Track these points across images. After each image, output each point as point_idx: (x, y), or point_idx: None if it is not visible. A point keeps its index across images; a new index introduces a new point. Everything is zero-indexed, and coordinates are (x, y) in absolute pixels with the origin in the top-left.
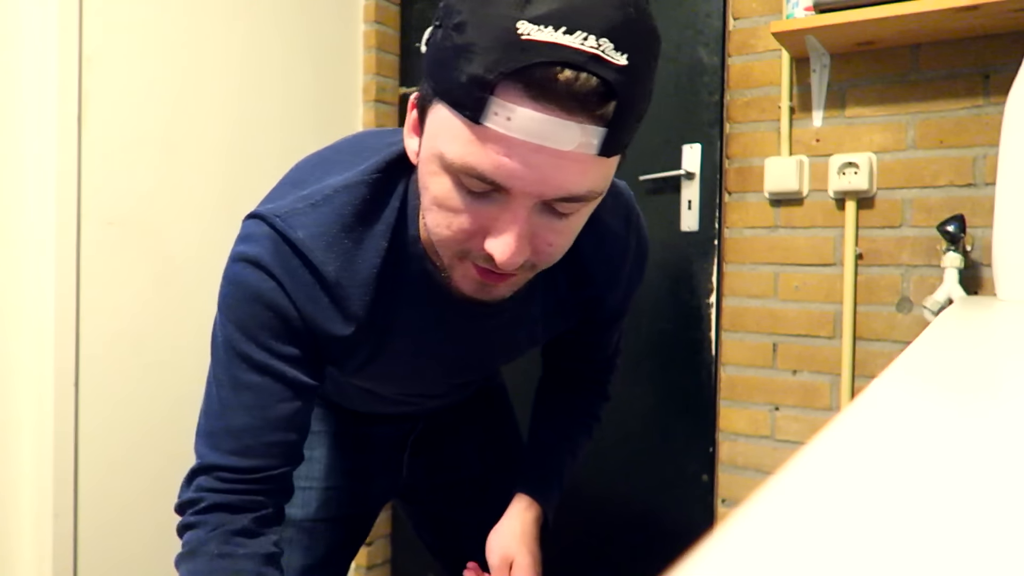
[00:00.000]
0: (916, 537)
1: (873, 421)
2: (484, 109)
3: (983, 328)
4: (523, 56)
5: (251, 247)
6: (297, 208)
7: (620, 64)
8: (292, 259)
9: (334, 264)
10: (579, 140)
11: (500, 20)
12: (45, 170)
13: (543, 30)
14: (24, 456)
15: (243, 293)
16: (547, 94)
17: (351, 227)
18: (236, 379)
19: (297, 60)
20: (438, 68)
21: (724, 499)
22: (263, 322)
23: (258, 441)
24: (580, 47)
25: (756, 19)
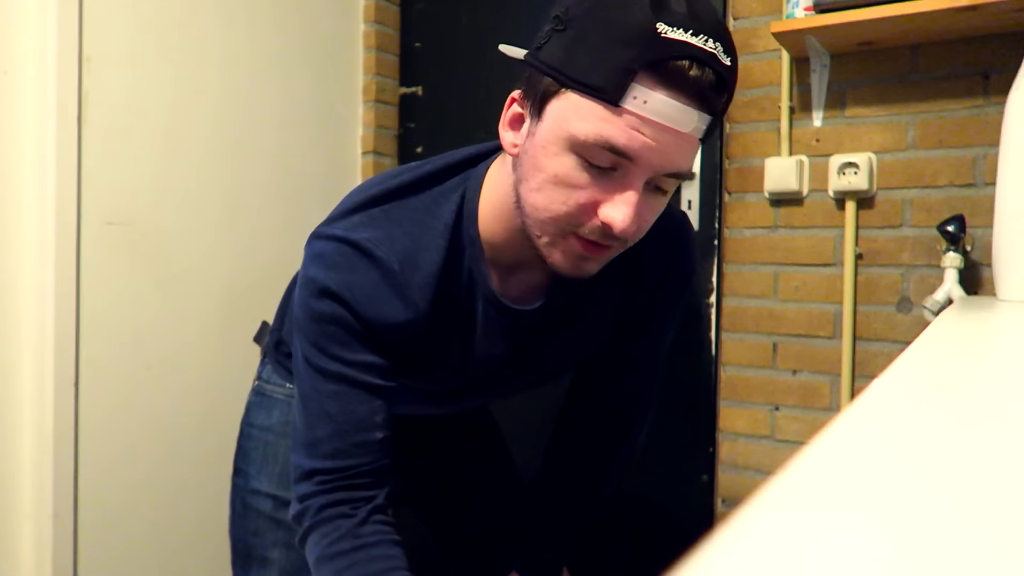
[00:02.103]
0: (916, 537)
1: (873, 421)
2: (624, 93)
3: (983, 328)
4: (663, 50)
5: (314, 268)
6: (354, 221)
7: (727, 64)
8: (358, 260)
9: (398, 260)
10: (695, 124)
11: (640, 21)
12: (45, 170)
13: (677, 31)
14: (24, 456)
15: (310, 313)
16: (678, 83)
17: (410, 230)
18: (317, 391)
19: (297, 60)
20: (570, 61)
21: (724, 499)
22: (331, 336)
23: (346, 443)
24: (704, 47)
25: (756, 19)
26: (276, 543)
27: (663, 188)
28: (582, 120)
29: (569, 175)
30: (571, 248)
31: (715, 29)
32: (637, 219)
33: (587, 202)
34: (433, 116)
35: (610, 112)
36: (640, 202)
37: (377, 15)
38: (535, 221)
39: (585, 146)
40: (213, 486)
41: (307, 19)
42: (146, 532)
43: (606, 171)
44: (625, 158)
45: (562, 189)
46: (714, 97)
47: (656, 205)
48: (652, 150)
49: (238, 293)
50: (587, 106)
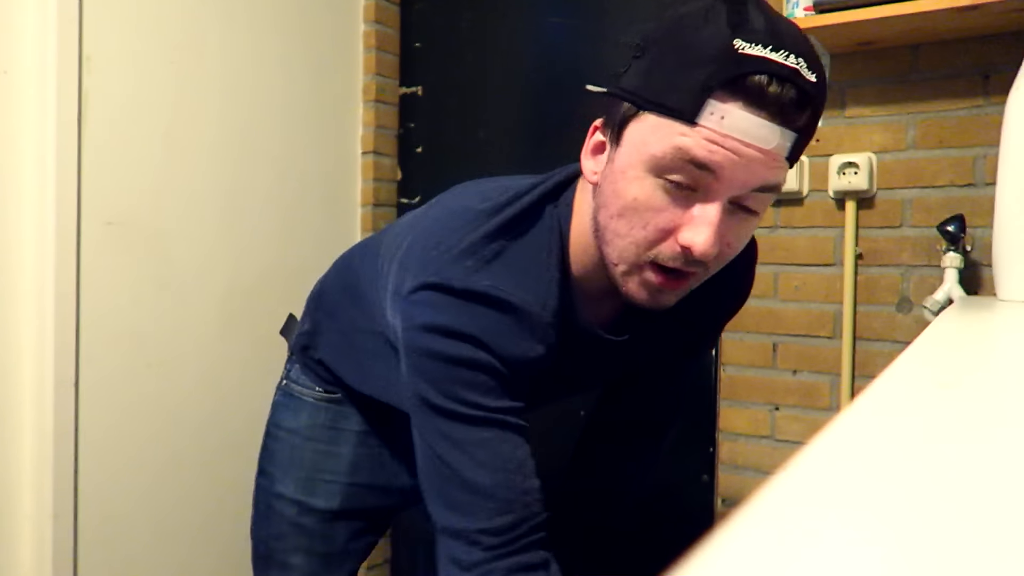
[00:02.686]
0: (915, 537)
1: (873, 421)
2: (701, 110)
3: (983, 328)
4: (741, 66)
5: (438, 315)
6: (467, 265)
7: (812, 80)
8: (485, 310)
9: (527, 301)
10: (778, 141)
11: (717, 38)
12: (45, 170)
13: (755, 47)
14: (24, 456)
15: (443, 361)
16: (757, 99)
17: (526, 268)
18: (459, 441)
19: (297, 60)
20: (648, 84)
21: (724, 499)
22: (467, 382)
23: (512, 492)
24: (784, 62)
25: None
26: (298, 548)
27: (751, 208)
28: (660, 139)
29: (649, 198)
30: (647, 279)
31: (798, 45)
32: (718, 241)
33: (667, 226)
34: (433, 116)
35: (687, 130)
36: (722, 223)
37: (377, 15)
38: (614, 248)
39: (663, 164)
40: (213, 485)
41: (307, 19)
42: (146, 532)
43: (686, 193)
44: (706, 171)
45: (641, 214)
46: (796, 114)
47: (743, 228)
48: (733, 163)
49: (238, 293)
50: (665, 125)
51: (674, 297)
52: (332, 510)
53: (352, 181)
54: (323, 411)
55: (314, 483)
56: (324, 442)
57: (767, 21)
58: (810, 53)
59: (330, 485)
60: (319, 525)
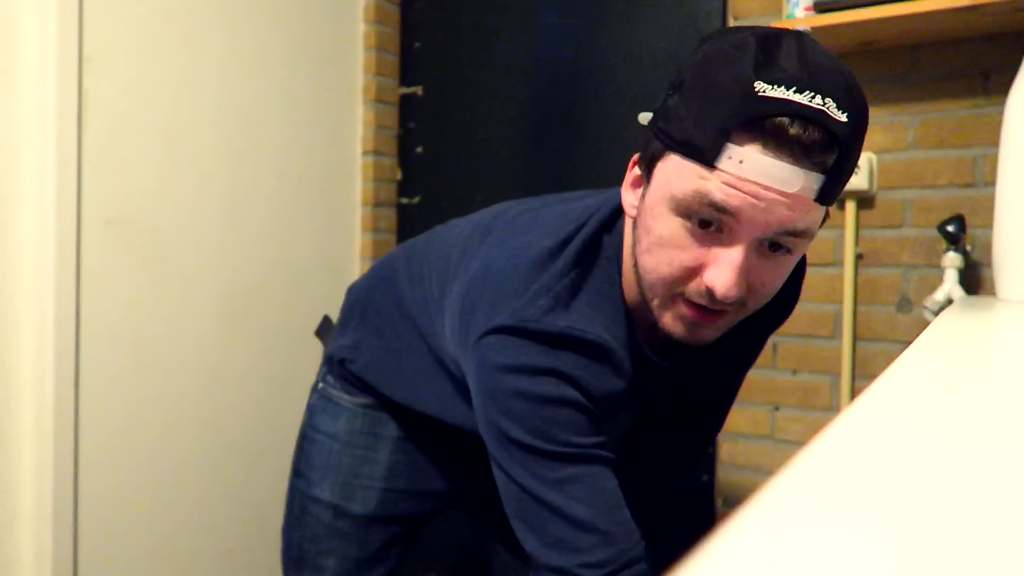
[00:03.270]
0: (915, 537)
1: (873, 421)
2: (720, 153)
3: (983, 328)
4: (759, 109)
5: (519, 356)
6: (541, 305)
7: (841, 120)
8: (565, 352)
9: (604, 336)
10: (802, 184)
11: (740, 79)
12: (45, 170)
13: (776, 88)
14: (24, 456)
15: (532, 400)
16: (778, 142)
17: (595, 303)
18: (555, 481)
19: (297, 60)
20: (674, 124)
21: (724, 499)
22: (558, 420)
23: (610, 523)
24: (808, 103)
25: (756, 19)
26: (331, 552)
27: (785, 246)
28: (682, 181)
29: (674, 237)
30: (681, 312)
31: (828, 84)
32: (741, 281)
33: (692, 264)
34: (433, 116)
35: (707, 172)
36: (747, 263)
37: (377, 15)
38: (646, 283)
39: (685, 205)
40: (214, 485)
41: (307, 19)
42: (146, 532)
43: (710, 233)
44: (726, 214)
45: (667, 251)
46: (821, 155)
47: (778, 268)
48: (753, 207)
49: (238, 293)
50: (687, 167)
51: (713, 331)
52: (368, 515)
53: (352, 181)
54: (360, 417)
55: (352, 488)
56: (362, 447)
57: (799, 58)
58: (844, 90)
59: (367, 491)
60: (355, 530)
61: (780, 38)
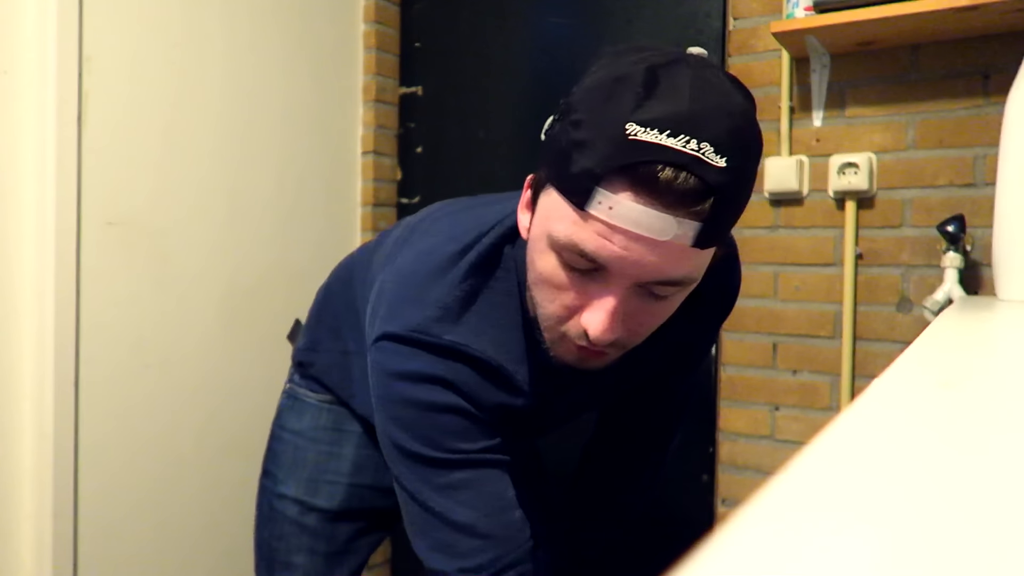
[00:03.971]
0: (916, 538)
1: (873, 421)
2: (590, 198)
3: (983, 328)
4: (629, 154)
5: (406, 362)
6: (429, 316)
7: (719, 166)
8: (452, 363)
9: (492, 351)
10: (675, 232)
11: (613, 120)
12: (45, 170)
13: (649, 132)
14: (24, 456)
15: (417, 407)
16: (648, 190)
17: (487, 314)
18: (440, 486)
19: (297, 60)
20: (553, 158)
21: (724, 499)
22: (444, 427)
23: (492, 527)
24: (683, 149)
25: (756, 19)
26: (300, 548)
27: (660, 295)
28: (557, 221)
29: (553, 275)
30: (569, 348)
31: (708, 125)
32: (616, 327)
33: (571, 304)
34: (433, 116)
35: (579, 216)
36: (624, 308)
37: (377, 15)
38: (536, 314)
39: (560, 246)
40: (213, 485)
41: (307, 19)
42: (146, 532)
43: (588, 273)
44: (599, 264)
45: (549, 289)
46: (696, 203)
47: (656, 310)
48: (624, 260)
49: (238, 293)
50: (562, 207)
51: (603, 362)
52: (334, 510)
53: (352, 181)
54: (325, 413)
55: (317, 484)
56: (327, 443)
57: (682, 95)
58: (726, 131)
59: (333, 486)
60: (321, 524)
61: (668, 69)
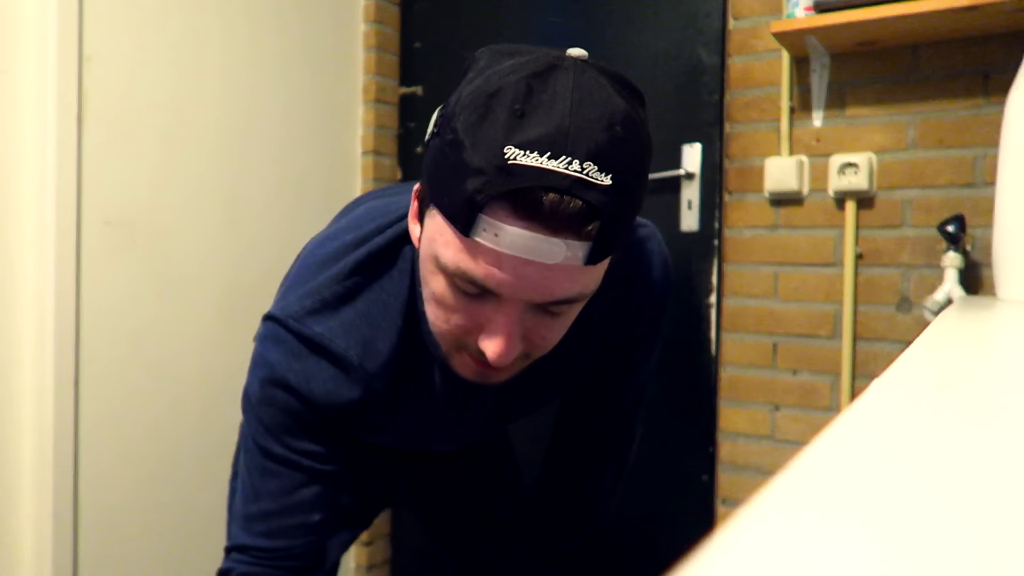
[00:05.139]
0: (916, 538)
1: (873, 421)
2: (474, 226)
3: (983, 328)
4: (510, 180)
5: (268, 352)
6: (306, 305)
7: (604, 185)
8: (311, 357)
9: (356, 350)
10: (565, 255)
11: (491, 144)
12: (45, 170)
13: (529, 155)
14: (24, 456)
15: (261, 396)
16: (532, 215)
17: (365, 312)
18: (262, 468)
19: (297, 60)
20: (435, 178)
21: (724, 499)
22: (279, 423)
23: (280, 525)
24: (564, 171)
25: (756, 19)
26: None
27: (556, 312)
28: (444, 246)
29: (443, 297)
30: (466, 362)
31: (588, 141)
32: (515, 346)
33: (466, 325)
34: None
35: (465, 244)
36: (521, 326)
37: (377, 15)
38: (431, 330)
39: (450, 272)
40: (213, 485)
41: (307, 19)
42: (146, 532)
43: (481, 296)
44: (490, 290)
45: (441, 309)
46: (583, 225)
47: (554, 325)
48: (513, 286)
49: (238, 293)
50: (448, 233)
51: (504, 376)
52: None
53: (352, 181)
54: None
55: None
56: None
57: (560, 109)
58: (609, 144)
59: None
60: None
61: (544, 79)
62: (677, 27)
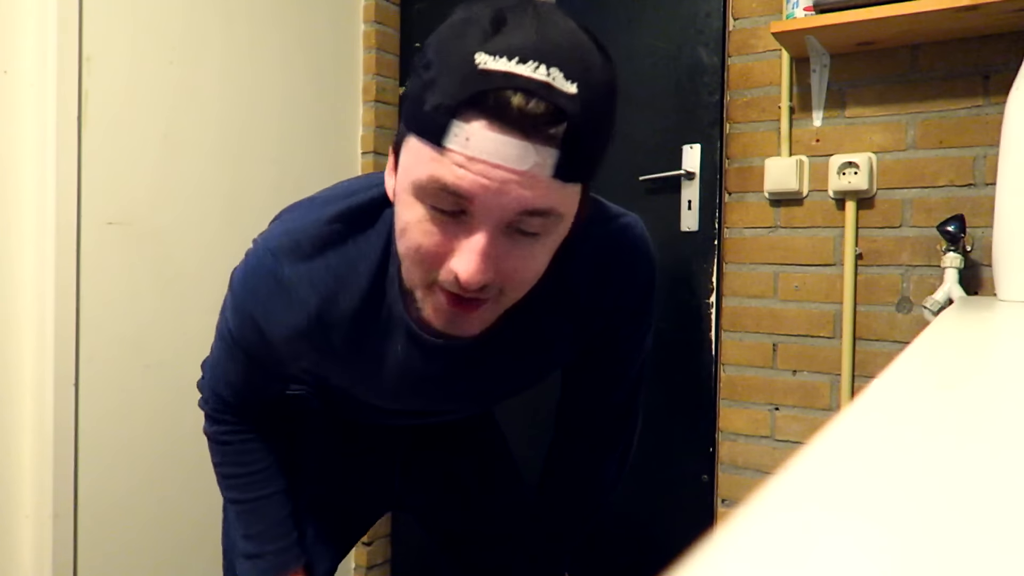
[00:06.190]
0: (916, 538)
1: (873, 421)
2: (446, 132)
3: (983, 328)
4: (480, 83)
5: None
6: (284, 243)
7: (569, 92)
8: (277, 293)
9: (316, 300)
10: (534, 160)
11: (461, 54)
12: (45, 170)
13: (498, 60)
14: (24, 456)
15: (234, 310)
16: (501, 117)
17: (334, 265)
18: (226, 348)
19: (297, 60)
20: (410, 105)
21: (724, 499)
22: (246, 334)
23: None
24: (531, 75)
25: (756, 19)
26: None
27: (528, 231)
28: (418, 164)
29: (419, 223)
30: (440, 303)
31: (556, 53)
32: (487, 268)
33: (438, 251)
34: None
35: (437, 153)
36: (493, 250)
37: (377, 15)
38: (404, 271)
39: (423, 190)
40: (213, 485)
41: (307, 19)
42: (146, 532)
43: (454, 218)
44: (461, 198)
45: (414, 237)
46: (550, 127)
47: (528, 251)
48: (486, 188)
49: None
50: (422, 150)
51: (477, 323)
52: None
53: None
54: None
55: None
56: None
57: (528, 28)
58: (577, 60)
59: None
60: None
61: (514, 11)
62: (677, 27)
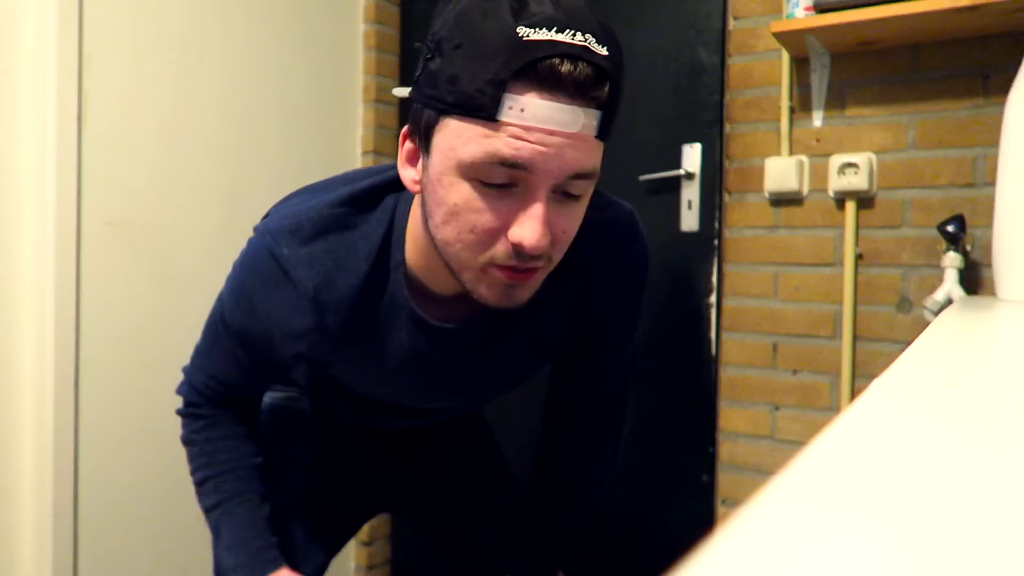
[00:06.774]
0: (916, 538)
1: (873, 421)
2: (500, 106)
3: (983, 328)
4: (528, 53)
5: (248, 259)
6: (286, 225)
7: (604, 54)
8: (277, 277)
9: (314, 281)
10: (583, 122)
11: (500, 30)
12: (45, 170)
13: (540, 31)
14: (24, 456)
15: (232, 293)
16: (553, 84)
17: (334, 248)
18: (215, 336)
19: (297, 60)
20: (444, 87)
21: (724, 499)
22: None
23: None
24: (572, 41)
25: (756, 19)
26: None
27: (573, 193)
28: (467, 144)
29: (469, 202)
30: (495, 279)
31: (583, 22)
32: (547, 232)
33: (493, 226)
34: None
35: (491, 129)
36: (548, 213)
37: (377, 15)
38: (451, 257)
39: (476, 168)
40: None
41: (307, 19)
42: (146, 532)
43: (505, 191)
44: (520, 169)
45: (465, 218)
46: (595, 89)
47: (572, 213)
48: (544, 155)
49: None
50: (468, 129)
51: (527, 291)
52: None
53: None
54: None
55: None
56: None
57: (550, 2)
58: (598, 28)
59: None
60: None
61: None
62: (677, 27)
